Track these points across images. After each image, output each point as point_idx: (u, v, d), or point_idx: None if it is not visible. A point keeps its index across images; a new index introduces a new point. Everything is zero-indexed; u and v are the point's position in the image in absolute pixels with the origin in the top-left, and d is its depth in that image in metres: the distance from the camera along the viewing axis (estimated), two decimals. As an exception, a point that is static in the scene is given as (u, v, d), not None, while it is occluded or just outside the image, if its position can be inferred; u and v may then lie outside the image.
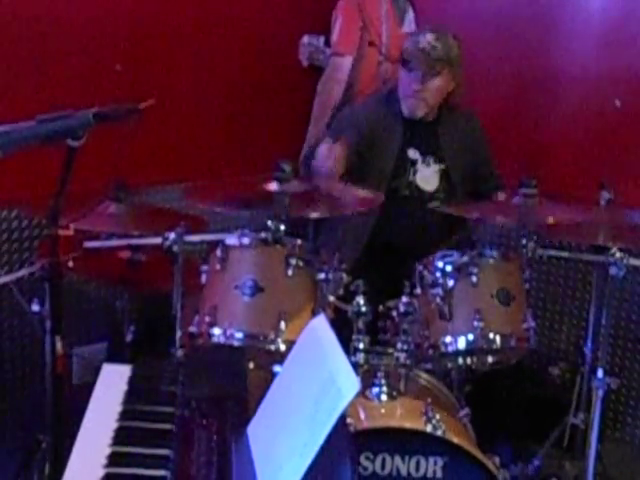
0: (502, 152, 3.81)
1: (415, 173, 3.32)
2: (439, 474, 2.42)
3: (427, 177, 3.33)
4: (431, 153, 3.33)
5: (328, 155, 3.07)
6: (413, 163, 3.33)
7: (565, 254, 3.17)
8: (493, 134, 3.58)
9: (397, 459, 2.42)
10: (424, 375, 2.82)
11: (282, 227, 2.63)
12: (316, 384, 1.51)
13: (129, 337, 3.14)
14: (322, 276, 2.61)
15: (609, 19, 3.80)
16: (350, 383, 1.43)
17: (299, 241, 2.65)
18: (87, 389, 2.03)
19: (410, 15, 4.28)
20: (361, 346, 2.61)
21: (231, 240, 2.66)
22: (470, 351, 2.72)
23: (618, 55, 3.75)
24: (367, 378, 2.62)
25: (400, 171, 3.31)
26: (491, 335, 2.63)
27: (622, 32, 3.75)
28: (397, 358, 2.66)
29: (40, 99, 3.24)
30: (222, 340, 2.56)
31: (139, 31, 3.64)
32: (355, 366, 2.56)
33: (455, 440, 2.43)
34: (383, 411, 2.60)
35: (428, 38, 3.16)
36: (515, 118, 4.04)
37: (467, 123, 3.42)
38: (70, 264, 2.71)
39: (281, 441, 1.54)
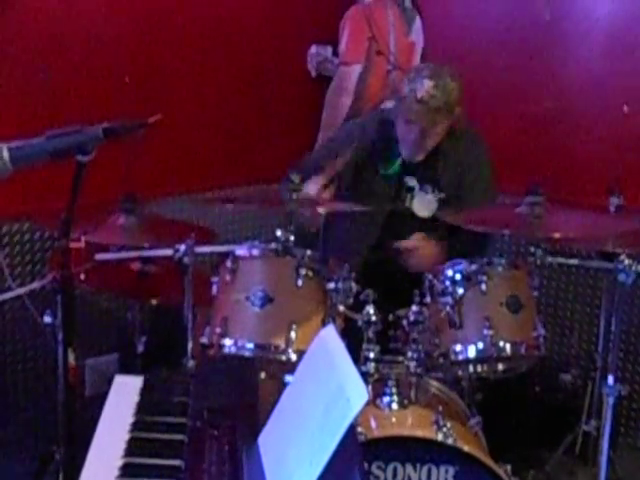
0: (509, 159, 3.82)
1: (412, 199, 3.29)
2: (451, 483, 2.43)
3: (424, 204, 3.28)
4: (429, 182, 3.28)
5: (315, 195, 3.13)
6: (410, 190, 3.29)
7: (574, 261, 3.18)
8: (500, 142, 3.58)
9: (408, 468, 2.42)
10: (435, 383, 2.82)
11: (291, 237, 2.65)
12: (325, 394, 1.52)
13: (140, 348, 3.16)
14: (332, 286, 2.62)
15: (616, 25, 3.80)
16: (359, 393, 1.44)
17: (309, 251, 2.66)
18: (99, 400, 2.05)
19: (417, 24, 4.29)
20: (371, 355, 2.62)
21: (241, 251, 2.67)
22: (480, 359, 2.71)
23: (626, 61, 3.75)
24: (378, 387, 2.63)
25: (397, 196, 3.29)
26: (501, 343, 2.63)
27: (629, 37, 3.76)
28: (407, 367, 2.66)
29: (49, 112, 3.26)
30: (233, 351, 2.57)
31: (146, 43, 3.66)
32: (366, 375, 2.57)
33: (466, 448, 2.42)
34: (394, 420, 2.60)
35: (426, 87, 3.02)
36: (523, 125, 4.05)
37: (468, 150, 3.31)
38: (82, 276, 2.75)
39: (291, 451, 1.55)
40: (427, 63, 3.91)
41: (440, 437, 2.42)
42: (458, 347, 2.65)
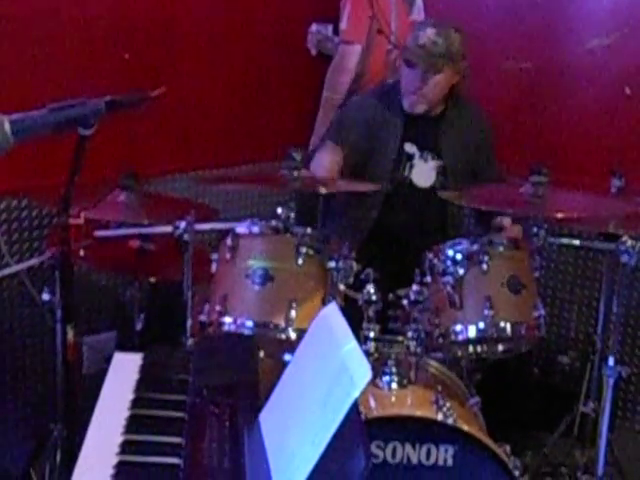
0: (512, 140, 3.81)
1: (411, 168, 3.29)
2: (450, 462, 2.42)
3: (424, 173, 3.29)
4: (429, 149, 3.29)
5: (324, 164, 3.16)
6: (409, 158, 3.29)
7: (576, 242, 3.17)
8: (503, 123, 3.57)
9: (408, 447, 2.41)
10: (434, 363, 2.82)
11: (292, 215, 2.63)
12: (328, 372, 1.51)
13: (139, 326, 3.14)
14: (332, 264, 2.61)
15: (619, 6, 3.78)
16: (363, 371, 1.43)
17: (309, 229, 2.65)
18: (97, 378, 2.04)
19: (419, 3, 4.26)
20: (371, 334, 2.62)
21: (241, 229, 2.66)
22: (480, 339, 2.71)
23: (628, 42, 3.73)
24: (377, 366, 2.62)
25: (397, 166, 3.29)
26: (501, 323, 2.62)
27: (632, 19, 3.73)
28: (407, 346, 2.65)
29: (49, 88, 3.23)
30: (232, 329, 2.57)
31: (147, 20, 3.62)
32: (366, 355, 2.55)
33: (466, 428, 2.42)
34: (394, 399, 2.60)
35: (428, 33, 3.11)
36: (525, 106, 4.03)
37: (473, 119, 3.36)
38: (81, 253, 2.73)
39: (293, 429, 1.54)
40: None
41: (440, 417, 2.42)
42: (458, 327, 2.65)
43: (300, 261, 2.59)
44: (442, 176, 3.29)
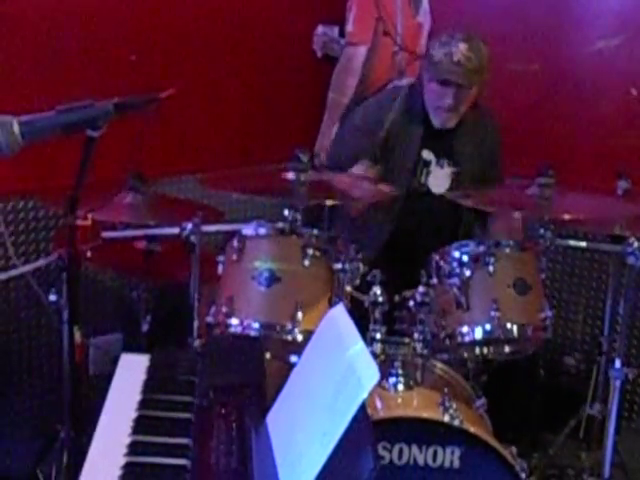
0: (519, 142, 3.80)
1: (428, 175, 3.28)
2: (456, 464, 2.42)
3: (439, 179, 3.28)
4: (445, 155, 3.27)
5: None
6: (426, 164, 3.28)
7: (582, 244, 3.17)
8: (510, 124, 3.56)
9: (414, 449, 2.41)
10: (440, 365, 2.81)
11: (299, 217, 2.64)
12: (336, 374, 1.51)
13: (145, 327, 3.14)
14: (339, 266, 2.61)
15: (625, 8, 3.78)
16: (370, 372, 1.44)
17: (316, 231, 2.65)
18: (103, 379, 2.04)
19: (425, 5, 4.26)
20: (378, 336, 2.62)
21: (248, 230, 2.66)
22: (487, 341, 2.71)
23: (634, 44, 3.73)
24: (384, 368, 2.62)
25: (413, 172, 3.27)
26: (508, 325, 2.62)
27: (638, 21, 3.73)
28: (414, 348, 2.66)
29: (57, 90, 3.24)
30: (239, 330, 2.57)
31: (154, 21, 3.63)
32: (372, 356, 2.56)
33: (472, 430, 2.42)
34: (400, 401, 2.60)
35: (461, 49, 3.01)
36: (532, 108, 4.02)
37: (486, 126, 3.34)
38: (88, 254, 2.74)
39: (301, 430, 1.54)
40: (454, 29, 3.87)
41: (446, 418, 2.42)
42: (465, 329, 2.65)
43: (307, 262, 2.59)
44: (457, 182, 3.28)
